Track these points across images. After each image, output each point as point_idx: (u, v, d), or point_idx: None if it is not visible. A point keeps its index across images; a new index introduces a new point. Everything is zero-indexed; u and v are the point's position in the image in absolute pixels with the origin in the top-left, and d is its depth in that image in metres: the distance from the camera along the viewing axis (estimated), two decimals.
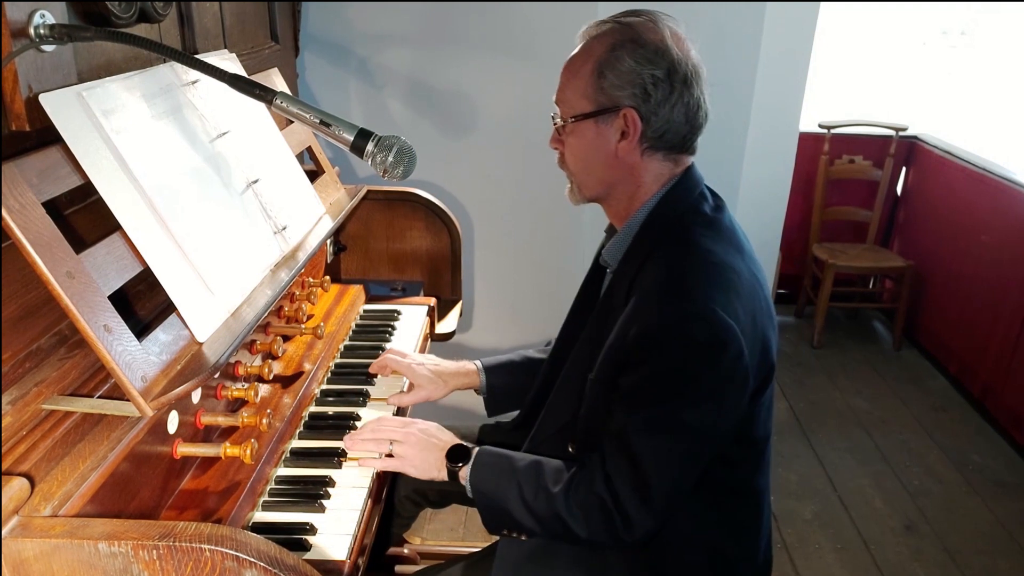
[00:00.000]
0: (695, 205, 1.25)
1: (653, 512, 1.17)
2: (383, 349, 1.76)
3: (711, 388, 1.14)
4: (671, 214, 1.24)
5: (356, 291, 1.95)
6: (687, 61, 1.19)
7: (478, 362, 1.61)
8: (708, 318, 1.11)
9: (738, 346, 1.13)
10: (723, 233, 1.23)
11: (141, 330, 1.05)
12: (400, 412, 1.57)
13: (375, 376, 1.63)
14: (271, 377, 1.43)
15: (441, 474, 1.29)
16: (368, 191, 1.98)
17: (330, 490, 1.30)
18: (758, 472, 1.32)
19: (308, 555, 1.16)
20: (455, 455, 1.28)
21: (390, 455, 1.31)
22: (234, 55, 1.57)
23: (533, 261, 2.65)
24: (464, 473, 1.27)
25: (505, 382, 1.60)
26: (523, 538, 1.28)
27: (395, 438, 1.31)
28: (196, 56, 1.26)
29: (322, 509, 1.25)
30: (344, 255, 2.12)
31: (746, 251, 1.25)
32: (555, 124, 1.27)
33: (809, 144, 3.68)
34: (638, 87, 1.18)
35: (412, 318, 1.93)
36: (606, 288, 1.31)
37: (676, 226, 1.23)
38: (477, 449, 1.29)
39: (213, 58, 1.43)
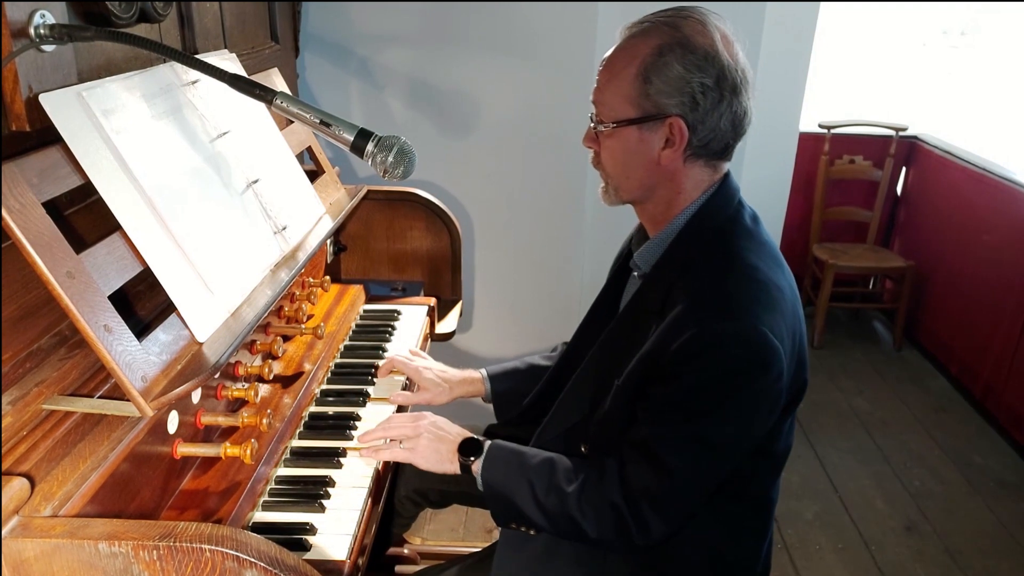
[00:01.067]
0: (735, 215, 1.22)
1: (668, 520, 1.17)
2: (383, 349, 1.76)
3: (746, 407, 1.13)
4: (711, 223, 1.21)
5: (356, 291, 1.95)
6: (736, 67, 1.15)
7: (483, 370, 1.61)
8: (754, 339, 1.10)
9: (780, 368, 1.12)
10: (764, 247, 1.21)
11: (141, 330, 1.05)
12: (401, 411, 1.57)
13: (376, 376, 1.63)
14: (271, 377, 1.43)
15: (453, 466, 1.28)
16: (368, 191, 1.98)
17: (330, 490, 1.29)
18: (771, 483, 1.32)
19: (308, 555, 1.16)
20: (467, 448, 1.28)
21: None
22: (234, 55, 1.57)
23: (533, 261, 2.65)
24: (476, 467, 1.26)
25: (510, 389, 1.60)
26: (532, 532, 1.28)
27: (406, 433, 1.32)
28: (196, 56, 1.26)
29: (322, 509, 1.25)
30: (344, 255, 2.12)
31: (784, 266, 1.24)
32: (592, 126, 1.22)
33: (809, 144, 3.68)
34: (687, 95, 1.13)
35: (412, 318, 1.93)
36: (636, 293, 1.28)
37: (717, 237, 1.20)
38: (489, 443, 1.29)
39: (213, 58, 1.43)
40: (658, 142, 1.17)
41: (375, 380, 1.63)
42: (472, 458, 1.27)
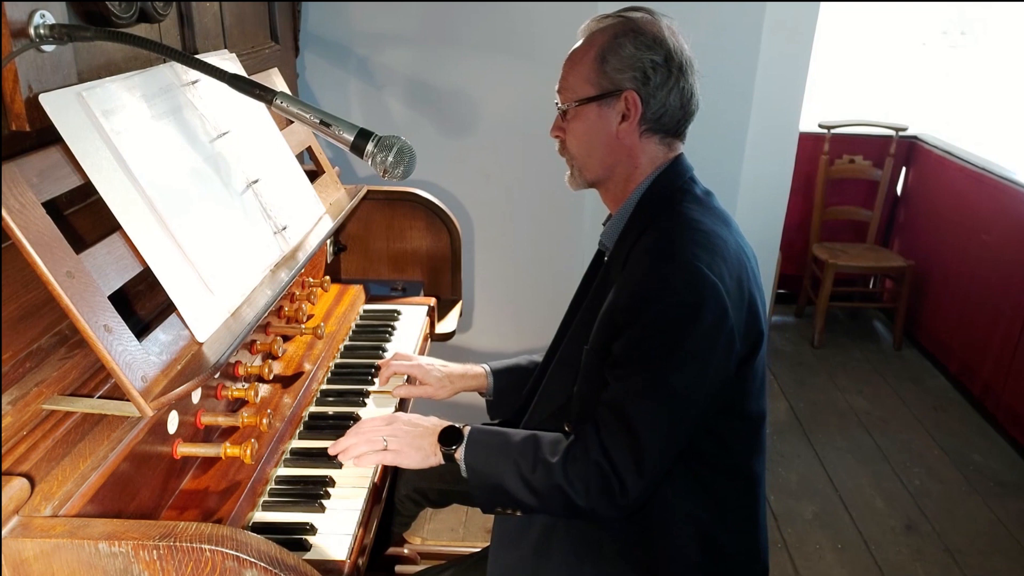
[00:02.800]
0: (685, 186, 1.30)
1: (645, 476, 1.18)
2: (383, 349, 1.76)
3: (697, 346, 1.17)
4: (663, 193, 1.29)
5: (356, 291, 1.95)
6: (682, 51, 1.27)
7: (486, 365, 1.62)
8: (691, 274, 1.16)
9: (722, 303, 1.16)
10: (712, 210, 1.29)
11: (141, 330, 1.05)
12: (402, 404, 1.57)
13: (375, 376, 1.63)
14: (271, 377, 1.43)
15: (437, 458, 1.28)
16: (368, 191, 1.98)
17: (330, 490, 1.30)
18: (753, 454, 1.32)
19: (308, 555, 1.16)
20: (448, 438, 1.28)
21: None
22: (234, 55, 1.57)
23: (533, 261, 2.65)
24: (459, 454, 1.26)
25: (512, 385, 1.60)
26: (518, 514, 1.29)
27: (384, 434, 1.31)
28: (196, 56, 1.26)
29: (322, 509, 1.25)
30: (344, 255, 2.12)
31: (734, 227, 1.30)
32: (559, 110, 1.32)
33: (809, 144, 3.68)
34: (638, 71, 1.24)
35: (412, 318, 1.93)
36: (603, 268, 1.34)
37: (667, 203, 1.28)
38: (469, 428, 1.29)
39: (213, 58, 1.43)
40: (615, 117, 1.27)
41: (375, 381, 1.63)
42: (454, 446, 1.27)
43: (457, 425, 1.30)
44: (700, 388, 1.19)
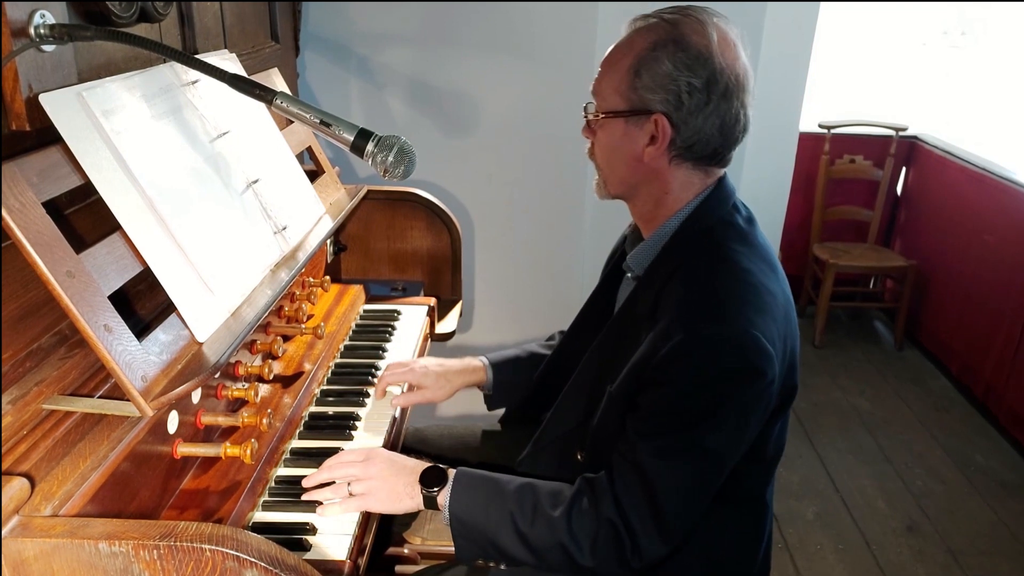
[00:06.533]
0: (728, 218, 1.20)
1: (665, 537, 1.13)
2: (383, 349, 1.76)
3: (738, 413, 1.11)
4: (704, 224, 1.20)
5: (356, 291, 1.95)
6: (730, 71, 1.13)
7: (484, 359, 1.59)
8: (747, 343, 1.07)
9: (773, 373, 1.10)
10: (757, 250, 1.19)
11: (141, 330, 1.05)
12: (401, 413, 1.57)
13: (375, 376, 1.63)
14: (271, 377, 1.43)
15: (413, 501, 1.19)
16: (368, 191, 1.98)
17: None
18: (765, 486, 1.30)
19: (308, 555, 1.16)
20: (430, 478, 1.19)
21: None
22: (234, 55, 1.57)
23: (533, 261, 2.65)
24: (442, 498, 1.18)
25: (511, 379, 1.58)
26: (502, 567, 1.22)
27: (353, 473, 1.21)
28: (196, 56, 1.26)
29: None
30: (344, 255, 2.12)
31: (778, 270, 1.21)
32: (586, 115, 1.23)
33: (809, 144, 3.68)
34: (672, 93, 1.12)
35: (412, 318, 1.93)
36: (629, 296, 1.27)
37: (709, 239, 1.18)
38: (455, 470, 1.21)
39: (213, 58, 1.43)
40: (642, 138, 1.17)
41: (375, 380, 1.62)
42: (436, 488, 1.18)
43: (442, 466, 1.22)
44: (731, 451, 1.13)
